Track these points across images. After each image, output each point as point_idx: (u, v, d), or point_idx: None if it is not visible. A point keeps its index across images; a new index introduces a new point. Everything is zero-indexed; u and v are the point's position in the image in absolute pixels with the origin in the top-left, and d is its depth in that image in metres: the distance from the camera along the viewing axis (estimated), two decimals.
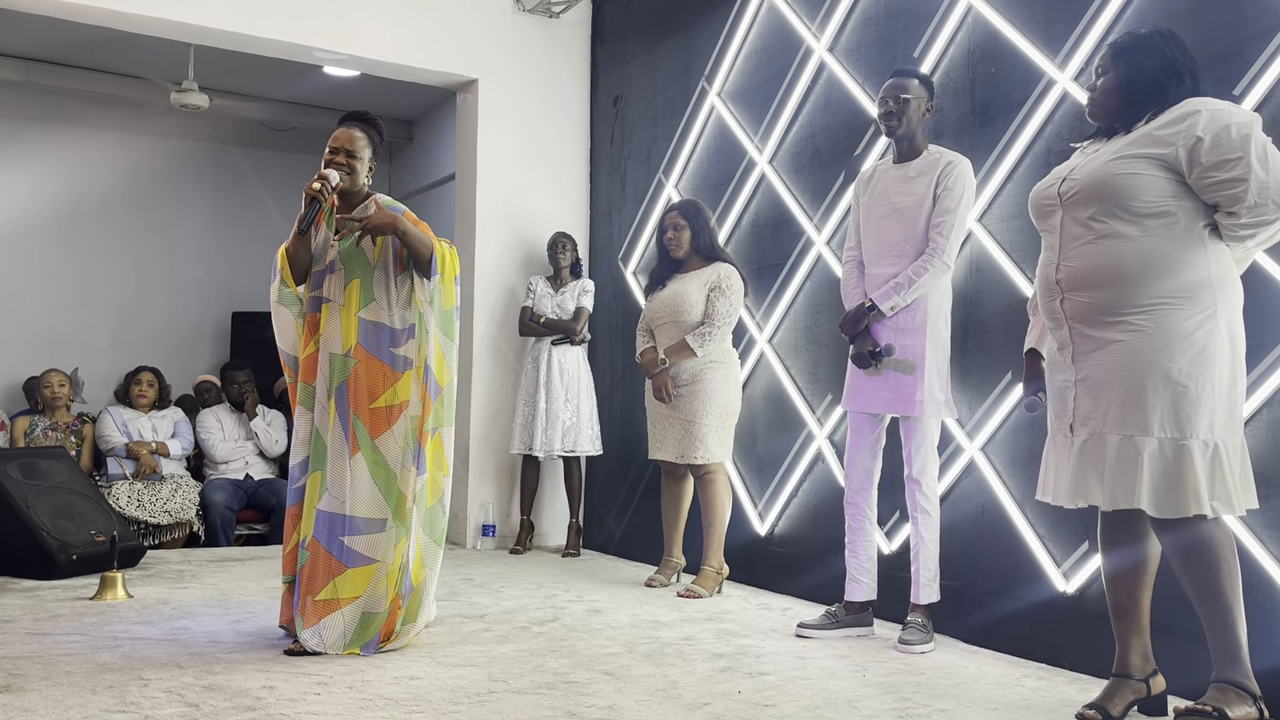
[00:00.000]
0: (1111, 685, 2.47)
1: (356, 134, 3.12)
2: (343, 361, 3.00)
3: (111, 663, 2.76)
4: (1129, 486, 2.26)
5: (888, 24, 3.87)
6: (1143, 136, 2.34)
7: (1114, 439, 2.30)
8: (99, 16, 4.69)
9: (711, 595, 3.97)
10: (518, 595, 3.95)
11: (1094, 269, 2.35)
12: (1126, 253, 2.31)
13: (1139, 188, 2.31)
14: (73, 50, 6.40)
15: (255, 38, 4.92)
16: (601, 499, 5.37)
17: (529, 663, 2.88)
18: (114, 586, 3.69)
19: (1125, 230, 2.32)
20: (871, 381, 3.27)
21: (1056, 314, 2.44)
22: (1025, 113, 3.31)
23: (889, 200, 3.29)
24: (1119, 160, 2.34)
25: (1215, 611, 2.25)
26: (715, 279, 4.06)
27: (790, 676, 2.81)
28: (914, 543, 3.24)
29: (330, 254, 3.09)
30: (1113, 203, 2.33)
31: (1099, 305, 2.34)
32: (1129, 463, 2.27)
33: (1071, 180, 2.42)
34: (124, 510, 5.17)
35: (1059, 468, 2.46)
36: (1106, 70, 2.45)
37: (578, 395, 5.05)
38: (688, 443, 4.04)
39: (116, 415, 5.63)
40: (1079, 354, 2.39)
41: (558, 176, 5.61)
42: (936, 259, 3.17)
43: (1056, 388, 2.47)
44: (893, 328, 3.23)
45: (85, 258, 7.28)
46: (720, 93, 4.73)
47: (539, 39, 5.57)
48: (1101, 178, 2.35)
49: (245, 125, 7.71)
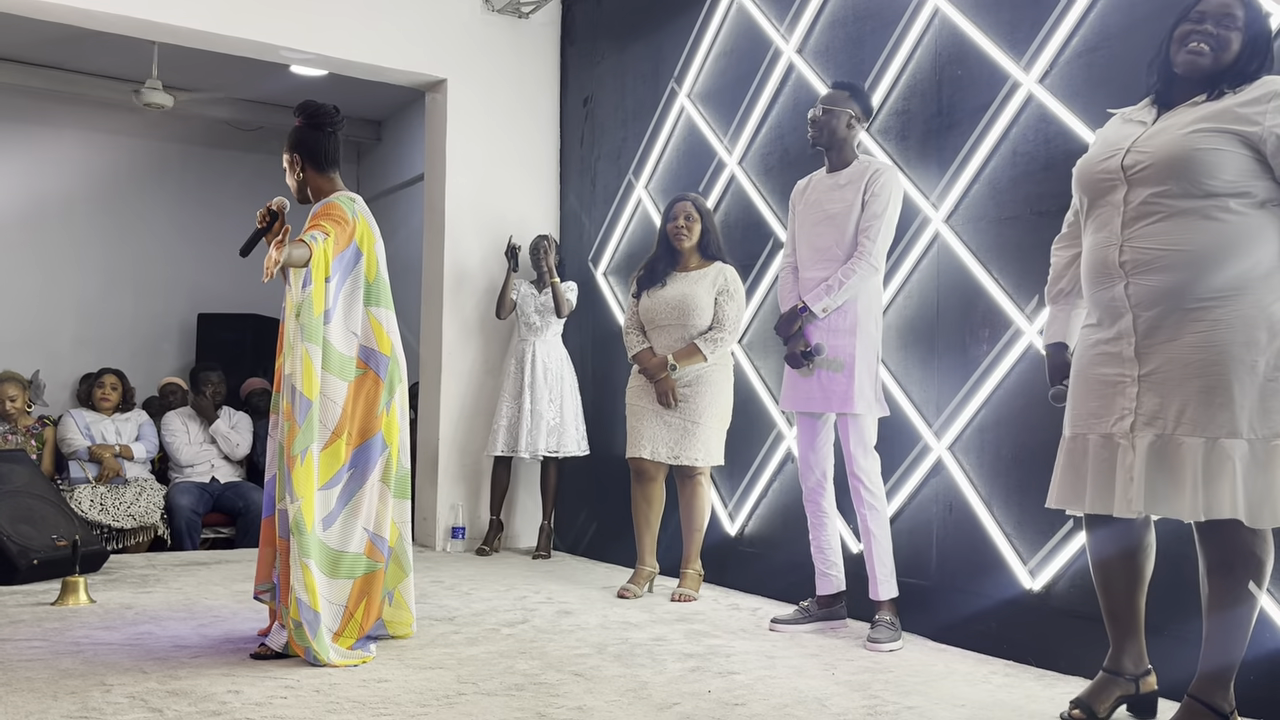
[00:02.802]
0: (1100, 682, 2.39)
1: (284, 146, 3.15)
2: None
3: (73, 668, 2.72)
4: (1221, 495, 2.04)
5: (856, 26, 3.90)
6: (1224, 111, 2.15)
7: (1194, 442, 2.09)
8: (61, 14, 4.62)
9: (699, 596, 3.97)
10: (487, 597, 3.93)
11: (1168, 251, 2.13)
12: (1204, 233, 2.11)
13: (1219, 164, 2.11)
14: (34, 48, 6.32)
15: (221, 36, 4.86)
16: (572, 500, 5.36)
17: (498, 664, 2.87)
18: (76, 591, 3.64)
19: (1202, 209, 2.12)
20: (805, 382, 3.37)
21: (1116, 300, 2.22)
22: (991, 115, 3.34)
23: (821, 208, 3.41)
24: (1198, 134, 2.14)
25: (1233, 627, 2.12)
26: (723, 282, 3.97)
27: (760, 675, 2.81)
28: (865, 540, 3.30)
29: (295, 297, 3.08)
30: (1189, 180, 2.13)
31: (1172, 290, 2.13)
32: (1218, 468, 2.05)
33: (1139, 153, 2.20)
34: (86, 514, 5.10)
35: (1099, 472, 2.24)
36: (1233, 21, 2.20)
37: (561, 394, 5.01)
38: (686, 443, 3.95)
39: (79, 418, 5.55)
40: (1144, 345, 2.18)
41: (527, 177, 5.59)
42: (864, 261, 3.28)
43: (1100, 381, 2.26)
44: (825, 329, 3.33)
45: (46, 258, 7.18)
46: (690, 94, 4.73)
47: (508, 39, 5.55)
48: (1179, 152, 2.14)
49: (211, 125, 7.63)
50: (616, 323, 5.10)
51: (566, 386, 5.04)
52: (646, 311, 4.08)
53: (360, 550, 2.99)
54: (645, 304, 4.09)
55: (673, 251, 4.07)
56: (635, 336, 4.13)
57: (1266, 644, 2.51)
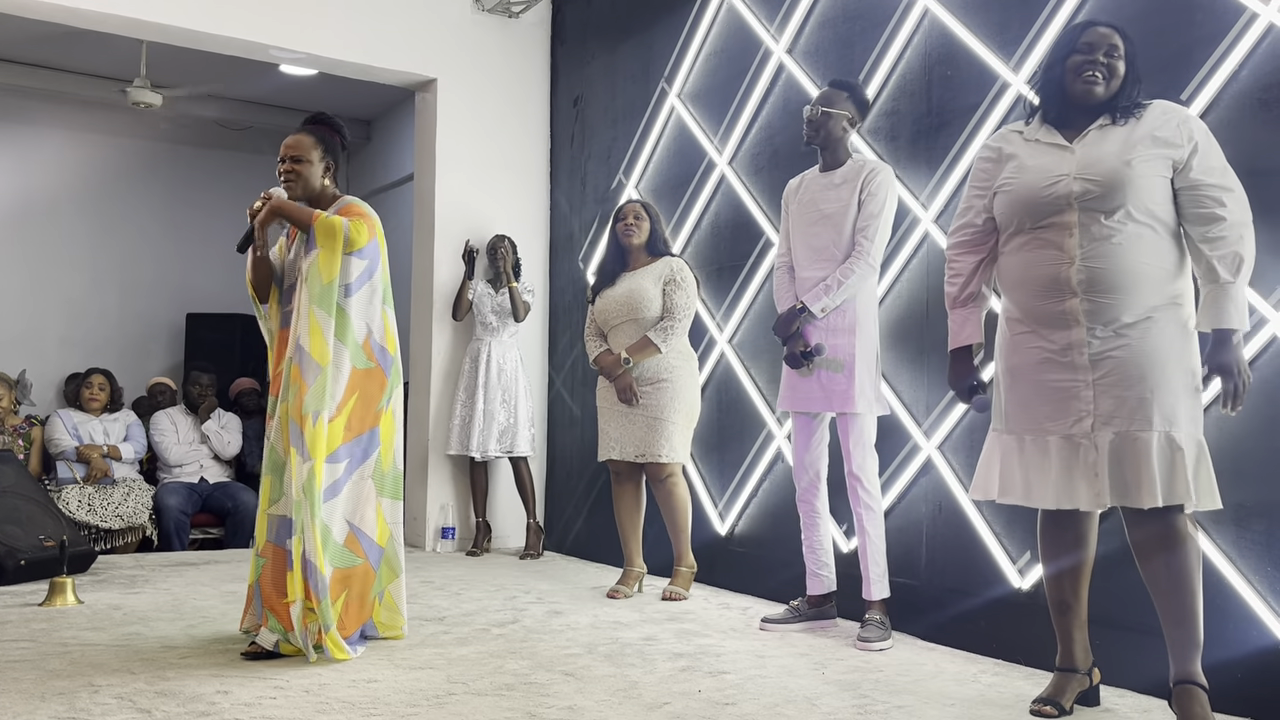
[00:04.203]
0: (1059, 679, 2.52)
1: (303, 138, 3.09)
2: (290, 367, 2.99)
3: (61, 669, 2.71)
4: (1175, 483, 2.24)
5: (845, 26, 3.91)
6: (1148, 137, 2.35)
7: (1149, 436, 2.26)
8: (49, 12, 4.60)
9: (689, 594, 3.97)
10: (477, 597, 3.92)
11: (1122, 271, 2.31)
12: (1144, 255, 2.31)
13: (1155, 189, 2.33)
14: (22, 46, 6.28)
15: (210, 35, 4.85)
16: (562, 499, 5.36)
17: (488, 664, 2.86)
18: (63, 592, 3.62)
19: (1142, 232, 2.32)
20: (805, 382, 3.36)
21: (1067, 314, 2.37)
22: (980, 115, 3.35)
23: (816, 207, 3.41)
24: (1139, 161, 2.33)
25: (1188, 605, 2.27)
26: (669, 272, 4.02)
27: (750, 675, 2.82)
28: (860, 539, 3.30)
29: (298, 268, 3.04)
30: (1135, 205, 2.32)
31: (1124, 306, 2.31)
32: (1171, 459, 2.25)
33: (1087, 180, 2.36)
34: (74, 515, 5.08)
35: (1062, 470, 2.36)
36: (1117, 52, 2.41)
37: (515, 396, 5.06)
38: (651, 440, 3.95)
39: (67, 418, 5.52)
40: (1096, 354, 2.34)
41: (517, 177, 5.59)
42: (862, 261, 3.29)
43: (1050, 387, 2.40)
44: (824, 329, 3.33)
45: (33, 258, 7.14)
46: (680, 94, 4.74)
47: (498, 39, 5.55)
48: (1126, 179, 2.32)
49: (200, 124, 7.60)
50: None
51: (520, 388, 5.10)
52: (601, 314, 4.12)
53: (340, 539, 2.96)
54: (599, 306, 4.13)
55: (622, 252, 4.13)
56: (594, 342, 4.17)
57: (1252, 641, 2.52)
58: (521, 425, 5.06)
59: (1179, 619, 2.29)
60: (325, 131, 3.15)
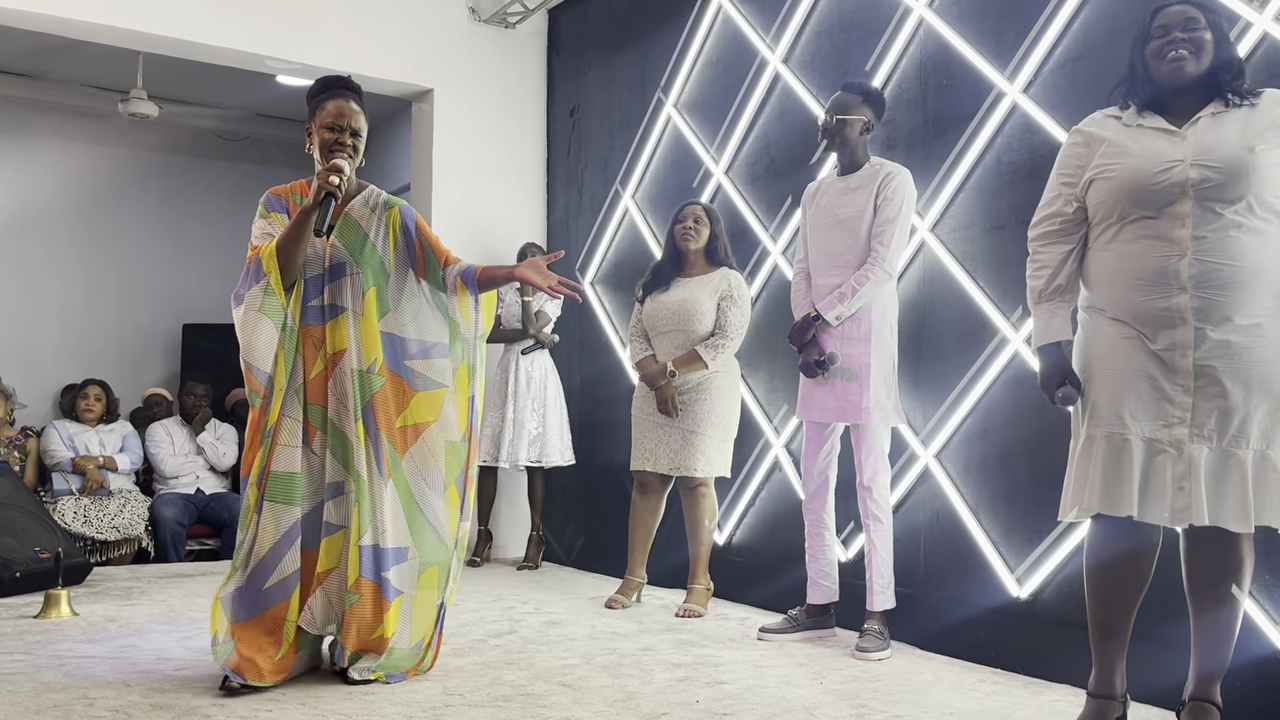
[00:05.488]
0: (1097, 708, 2.30)
1: (357, 109, 2.75)
2: (366, 378, 2.72)
3: (56, 682, 2.69)
4: (1265, 504, 2.12)
5: (841, 36, 3.91)
6: (1270, 124, 2.19)
7: (1246, 454, 2.14)
8: (45, 24, 4.60)
9: (706, 612, 3.85)
10: (474, 608, 3.91)
11: (1238, 266, 2.15)
12: (1261, 250, 2.16)
13: (1274, 179, 2.16)
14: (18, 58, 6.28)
15: (206, 45, 4.84)
16: (560, 510, 5.35)
17: (485, 675, 2.85)
18: (58, 604, 3.61)
19: (1262, 226, 2.17)
20: (821, 391, 3.32)
21: (1173, 311, 2.18)
22: (976, 124, 3.35)
23: (833, 212, 3.37)
24: (1266, 150, 2.17)
25: (1229, 629, 2.20)
26: (726, 287, 3.89)
27: (748, 685, 2.81)
28: (867, 550, 3.28)
29: (332, 255, 2.75)
30: (1256, 196, 2.16)
31: (1236, 305, 2.15)
32: (1263, 479, 2.13)
33: (1206, 167, 2.18)
34: (70, 526, 5.05)
35: (1146, 478, 2.19)
36: (1197, 24, 2.25)
37: (544, 404, 4.97)
38: (686, 454, 3.85)
39: (62, 430, 5.50)
40: (1203, 359, 2.16)
41: (514, 187, 5.59)
42: (878, 268, 3.23)
43: (1144, 384, 2.21)
44: (839, 337, 3.29)
45: (29, 268, 7.13)
46: (676, 103, 4.74)
47: (495, 49, 5.56)
48: (1250, 167, 2.15)
49: (195, 134, 7.61)
50: (605, 332, 5.10)
51: (550, 396, 5.01)
52: (649, 317, 4.00)
53: None
54: (648, 309, 4.01)
55: (679, 255, 4.00)
56: (638, 344, 4.04)
57: (1253, 650, 2.52)
58: (552, 434, 4.94)
59: (1215, 639, 2.22)
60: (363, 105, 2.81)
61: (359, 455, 2.70)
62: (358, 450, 2.70)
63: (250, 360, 2.67)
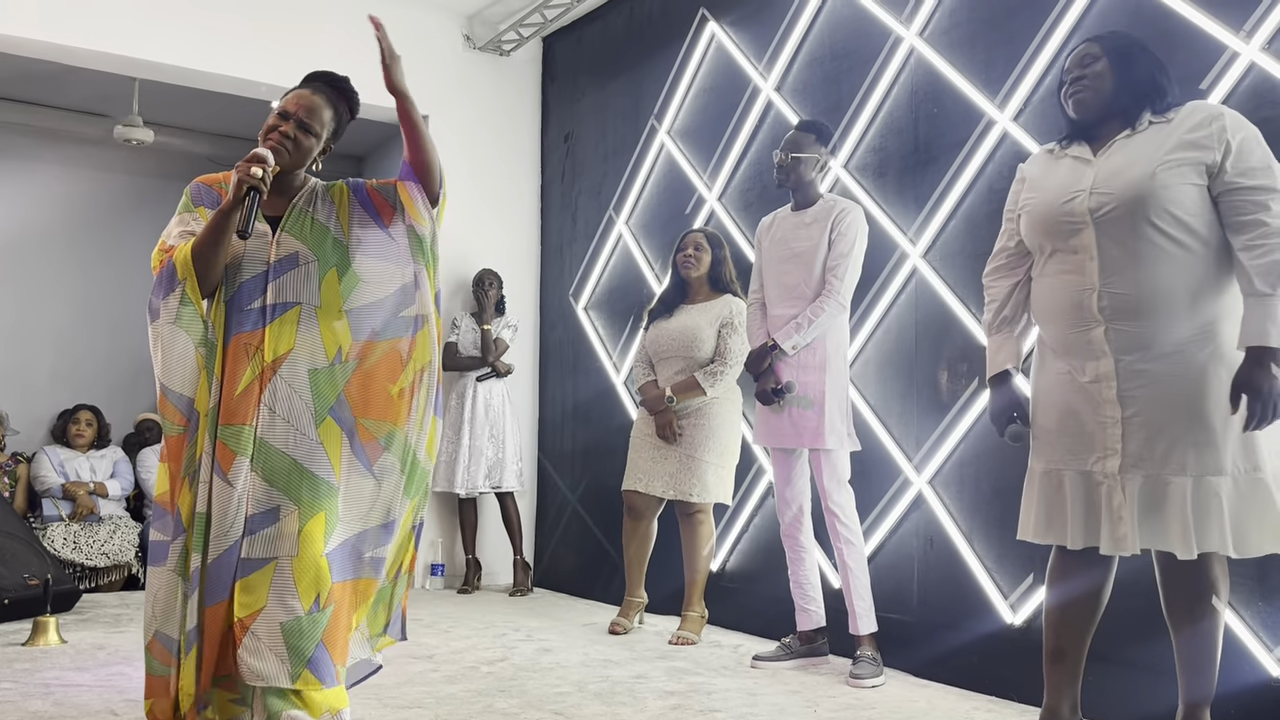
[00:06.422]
0: None
1: (317, 100, 2.43)
2: (331, 373, 2.31)
3: (43, 710, 2.67)
4: (1209, 531, 2.09)
5: (833, 64, 3.95)
6: (1178, 142, 2.17)
7: (1182, 481, 2.11)
8: (41, 50, 4.63)
9: (700, 639, 3.83)
10: (466, 635, 3.89)
11: (1146, 295, 2.15)
12: (1175, 275, 2.14)
13: (1184, 199, 2.14)
14: (13, 84, 6.30)
15: (201, 72, 4.88)
16: (552, 535, 5.33)
17: (477, 703, 2.83)
18: (47, 631, 3.58)
19: (1171, 249, 2.14)
20: (777, 418, 3.39)
21: (1094, 344, 2.21)
22: (967, 152, 3.38)
23: (788, 246, 3.45)
24: (1167, 170, 2.15)
25: (1209, 654, 2.19)
26: (728, 314, 3.92)
27: (741, 713, 2.79)
28: (843, 574, 3.29)
29: (280, 247, 2.36)
30: (1160, 218, 2.14)
31: (1151, 335, 2.15)
32: (1205, 505, 2.10)
33: (1102, 194, 2.21)
34: (59, 553, 5.02)
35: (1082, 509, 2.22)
36: (1094, 59, 2.30)
37: (503, 431, 5.04)
38: (684, 479, 3.87)
39: (53, 455, 5.48)
40: (1126, 389, 2.17)
41: (508, 213, 5.61)
42: (832, 300, 3.32)
43: (1076, 420, 2.24)
44: (795, 365, 3.35)
45: (23, 293, 7.11)
46: (670, 130, 4.77)
47: (490, 76, 5.59)
48: (1147, 190, 2.15)
49: (191, 160, 7.60)
50: (597, 357, 5.10)
51: (507, 423, 5.07)
52: (653, 343, 4.06)
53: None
54: (651, 335, 4.08)
55: (682, 283, 4.05)
56: (641, 369, 4.11)
57: (1245, 677, 2.51)
58: (509, 460, 5.03)
59: (1199, 666, 2.21)
60: (341, 102, 2.51)
61: (324, 464, 2.26)
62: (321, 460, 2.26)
63: (166, 382, 2.30)
